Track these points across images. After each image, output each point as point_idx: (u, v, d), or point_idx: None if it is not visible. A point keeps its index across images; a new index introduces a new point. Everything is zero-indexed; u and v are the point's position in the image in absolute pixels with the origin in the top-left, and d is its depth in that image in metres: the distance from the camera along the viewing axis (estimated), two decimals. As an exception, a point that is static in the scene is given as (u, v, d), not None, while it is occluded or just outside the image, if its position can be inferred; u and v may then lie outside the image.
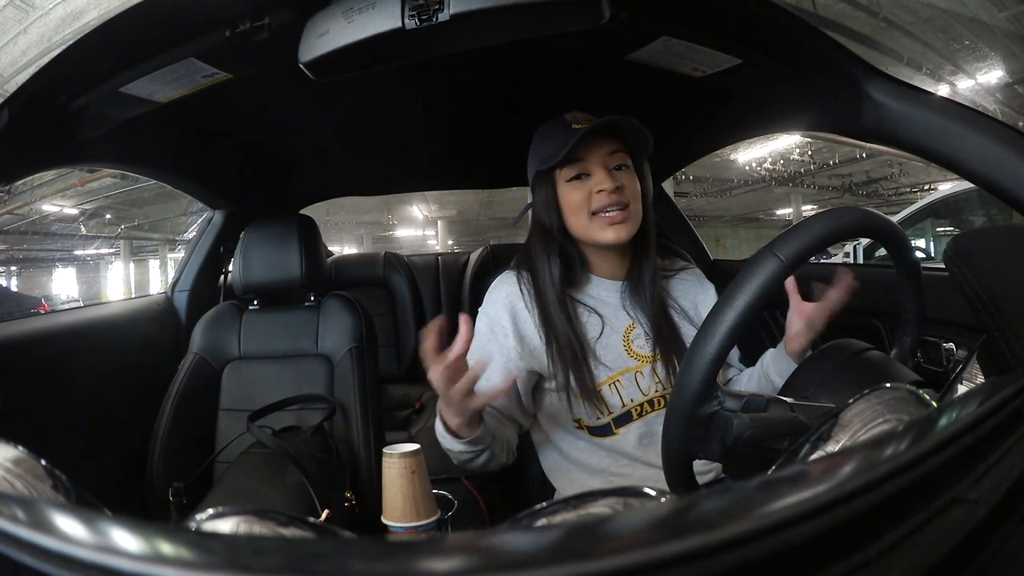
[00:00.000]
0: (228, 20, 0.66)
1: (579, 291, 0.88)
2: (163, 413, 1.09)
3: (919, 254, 2.53)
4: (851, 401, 0.41)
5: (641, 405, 0.84)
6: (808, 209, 12.49)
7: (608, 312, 0.87)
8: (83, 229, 11.39)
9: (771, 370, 0.83)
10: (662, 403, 0.84)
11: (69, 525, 0.25)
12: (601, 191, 0.81)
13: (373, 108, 1.12)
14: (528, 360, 0.83)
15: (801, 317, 0.78)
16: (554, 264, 0.85)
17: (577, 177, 0.83)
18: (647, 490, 0.31)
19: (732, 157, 9.71)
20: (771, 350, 0.86)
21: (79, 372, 1.05)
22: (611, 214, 0.81)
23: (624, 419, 0.84)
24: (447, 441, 0.77)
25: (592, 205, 0.82)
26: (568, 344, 0.82)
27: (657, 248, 0.90)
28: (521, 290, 0.86)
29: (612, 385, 0.83)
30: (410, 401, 1.72)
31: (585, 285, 0.89)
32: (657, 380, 0.85)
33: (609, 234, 0.82)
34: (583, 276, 0.88)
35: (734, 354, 0.93)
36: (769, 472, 0.38)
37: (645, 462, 0.84)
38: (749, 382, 0.88)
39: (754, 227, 15.67)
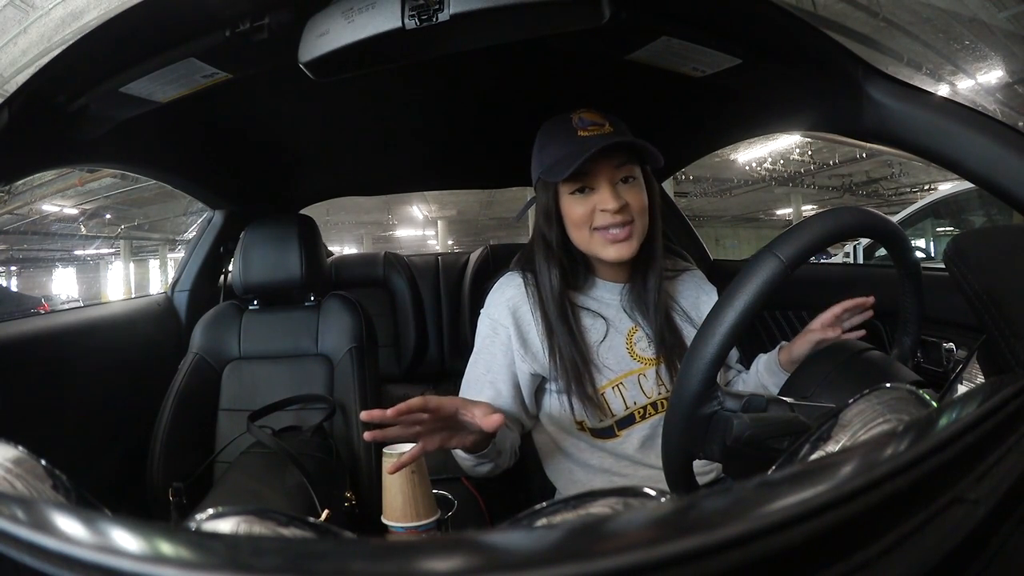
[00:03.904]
0: (228, 20, 0.66)
1: (583, 294, 0.88)
2: (163, 413, 1.09)
3: (919, 254, 2.53)
4: (851, 401, 0.41)
5: (644, 408, 0.84)
6: (808, 209, 12.48)
7: (611, 315, 0.87)
8: (83, 229, 11.38)
9: (767, 381, 0.83)
10: (665, 406, 0.84)
11: (69, 525, 0.25)
12: (605, 210, 0.79)
13: (373, 108, 1.12)
14: (531, 362, 0.83)
15: (821, 333, 0.77)
16: (554, 275, 0.84)
17: (581, 190, 0.81)
18: (647, 490, 0.31)
19: (732, 157, 9.70)
20: (763, 357, 0.86)
21: (79, 372, 1.05)
22: (614, 232, 0.79)
23: (627, 422, 0.84)
24: (456, 452, 0.77)
25: (595, 222, 0.80)
26: (570, 355, 0.81)
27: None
28: (526, 292, 0.86)
29: (615, 388, 0.83)
30: (410, 401, 1.71)
31: (589, 288, 0.88)
32: (660, 383, 0.85)
33: (611, 252, 0.80)
34: (587, 280, 0.88)
35: (733, 355, 0.93)
36: (769, 472, 0.38)
37: (647, 464, 0.84)
38: (745, 388, 0.88)
39: (754, 227, 15.67)
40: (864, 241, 3.51)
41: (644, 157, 0.82)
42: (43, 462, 0.39)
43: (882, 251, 2.46)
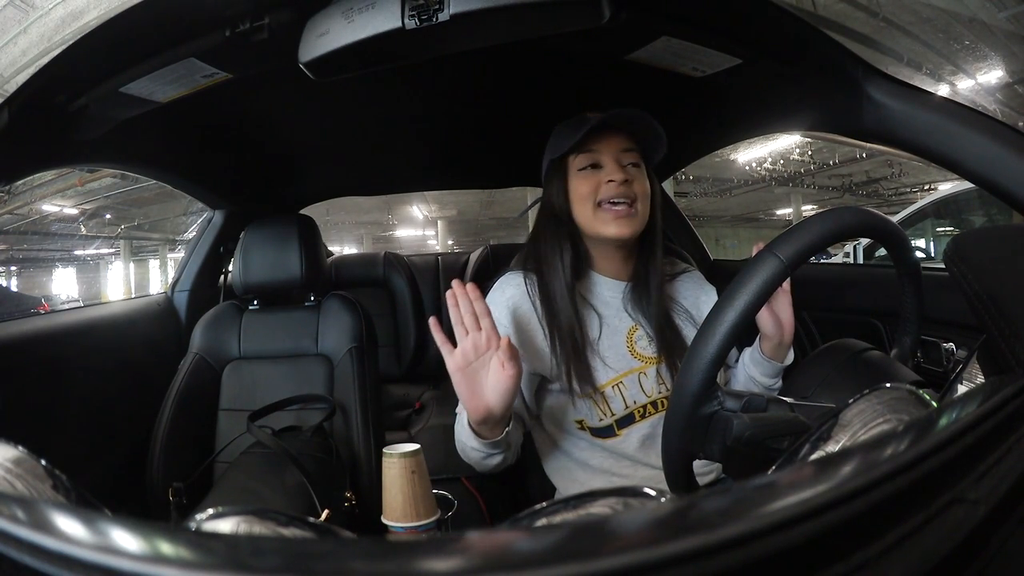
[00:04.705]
0: (228, 20, 0.66)
1: (581, 286, 0.88)
2: (163, 413, 1.09)
3: (919, 254, 2.52)
4: (851, 401, 0.41)
5: (644, 407, 0.84)
6: (808, 209, 12.48)
7: (609, 313, 0.87)
8: (83, 229, 11.37)
9: (753, 372, 0.84)
10: (665, 405, 0.84)
11: (69, 525, 0.25)
12: (611, 181, 0.81)
13: (373, 108, 1.12)
14: (531, 361, 0.83)
15: (771, 314, 0.79)
16: (566, 251, 0.85)
17: (589, 167, 0.84)
18: (647, 490, 0.31)
19: (732, 157, 9.70)
20: (747, 350, 0.86)
21: (79, 372, 1.05)
22: (617, 207, 0.81)
23: (627, 420, 0.84)
24: (467, 437, 0.77)
25: (600, 195, 0.82)
26: (570, 334, 0.82)
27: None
28: (527, 291, 0.86)
29: (615, 386, 0.83)
30: (410, 401, 1.72)
31: (587, 282, 0.89)
32: (661, 381, 0.85)
33: (612, 228, 0.82)
34: (586, 272, 0.89)
35: (733, 355, 0.93)
36: (769, 472, 0.38)
37: (647, 464, 0.84)
38: (735, 383, 0.88)
39: (754, 227, 15.65)
40: (864, 241, 3.51)
41: (648, 149, 0.86)
42: (43, 462, 0.39)
43: (882, 251, 2.46)
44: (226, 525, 0.31)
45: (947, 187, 4.60)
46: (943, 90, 5.67)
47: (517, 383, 0.70)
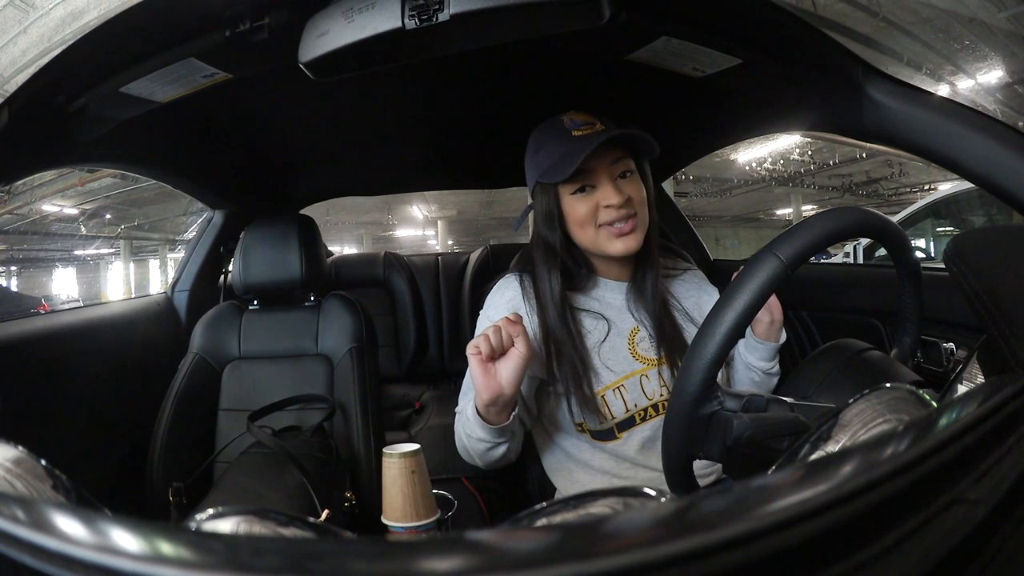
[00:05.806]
0: (228, 20, 0.66)
1: (584, 295, 0.88)
2: (163, 413, 1.08)
3: (919, 254, 2.52)
4: (851, 401, 0.41)
5: (645, 409, 0.83)
6: (808, 209, 12.49)
7: (614, 315, 0.87)
8: (83, 229, 11.38)
9: (750, 359, 0.84)
10: (667, 407, 0.84)
11: (69, 525, 0.25)
12: (609, 206, 0.80)
13: (373, 108, 1.12)
14: (531, 364, 0.83)
15: None
16: (555, 278, 0.83)
17: (582, 189, 0.81)
18: (647, 490, 0.31)
19: (732, 157, 9.70)
20: (740, 341, 0.86)
21: (79, 372, 1.05)
22: (619, 226, 0.80)
23: (627, 424, 0.83)
24: (473, 427, 0.76)
25: (600, 219, 0.81)
26: (570, 359, 0.81)
27: (659, 248, 0.90)
28: (524, 294, 0.86)
29: (616, 390, 0.83)
30: (410, 401, 1.72)
31: (592, 289, 0.88)
32: (662, 383, 0.84)
33: (618, 246, 0.81)
34: (589, 280, 0.88)
35: (734, 354, 0.93)
36: (769, 472, 0.38)
37: (647, 466, 0.83)
38: (736, 374, 0.89)
39: (754, 227, 15.66)
40: (864, 241, 3.51)
41: (639, 150, 0.83)
42: (43, 462, 0.39)
43: (882, 251, 2.46)
44: (226, 525, 0.31)
45: (947, 187, 4.59)
46: (943, 90, 5.67)
47: (526, 362, 0.71)
